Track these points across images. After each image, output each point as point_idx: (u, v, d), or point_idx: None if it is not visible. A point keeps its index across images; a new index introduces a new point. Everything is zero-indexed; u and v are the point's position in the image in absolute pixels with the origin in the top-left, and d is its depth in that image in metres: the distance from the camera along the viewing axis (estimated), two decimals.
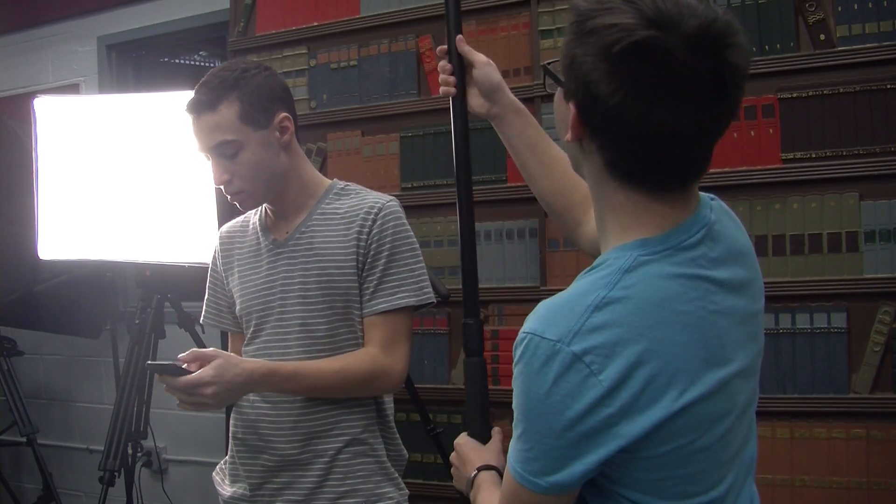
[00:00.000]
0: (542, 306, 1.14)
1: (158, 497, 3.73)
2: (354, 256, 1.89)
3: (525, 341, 1.09)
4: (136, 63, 4.28)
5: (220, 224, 2.76)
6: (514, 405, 1.12)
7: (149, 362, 2.19)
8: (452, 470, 1.50)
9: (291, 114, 1.93)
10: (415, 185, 2.91)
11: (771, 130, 2.46)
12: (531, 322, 1.11)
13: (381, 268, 1.88)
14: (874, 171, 2.35)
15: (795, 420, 2.41)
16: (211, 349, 1.77)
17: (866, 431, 2.35)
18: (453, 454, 1.51)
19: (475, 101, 1.69)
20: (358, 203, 1.94)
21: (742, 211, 2.48)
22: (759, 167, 2.46)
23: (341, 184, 2.01)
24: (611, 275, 1.13)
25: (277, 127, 1.88)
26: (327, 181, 2.02)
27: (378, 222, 1.91)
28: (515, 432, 1.13)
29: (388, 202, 1.93)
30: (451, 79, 1.67)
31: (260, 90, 1.86)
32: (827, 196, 2.40)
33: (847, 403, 2.36)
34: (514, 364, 1.11)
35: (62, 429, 4.24)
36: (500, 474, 1.40)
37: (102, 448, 3.02)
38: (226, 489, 1.99)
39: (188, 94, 1.87)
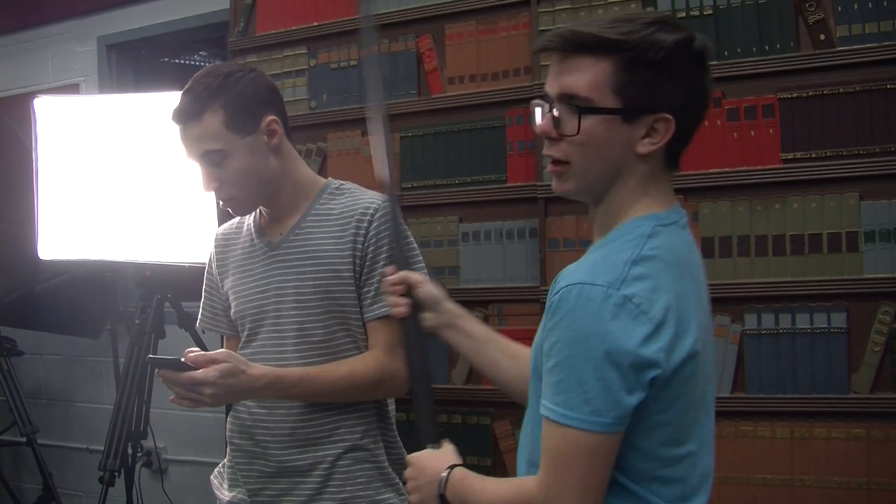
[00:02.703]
0: (581, 263, 1.30)
1: (158, 497, 3.73)
2: (351, 260, 1.87)
3: (575, 291, 1.24)
4: (136, 63, 4.28)
5: (220, 224, 2.76)
6: (557, 356, 1.24)
7: (150, 356, 2.19)
8: (410, 484, 1.50)
9: (280, 115, 1.90)
10: (415, 185, 2.91)
11: (771, 130, 2.46)
12: (574, 276, 1.26)
13: (380, 271, 1.87)
14: (874, 171, 2.34)
15: (795, 420, 2.41)
16: (223, 351, 1.78)
17: (866, 431, 2.35)
18: (408, 470, 1.52)
19: (425, 318, 1.67)
20: (352, 203, 1.92)
21: (742, 211, 2.48)
22: (759, 167, 2.46)
23: (336, 183, 2.00)
24: (637, 238, 1.31)
25: (265, 131, 1.86)
26: (322, 180, 2.00)
27: (374, 224, 1.89)
28: (559, 384, 1.24)
29: (383, 202, 1.91)
30: (403, 300, 1.65)
31: (245, 95, 1.84)
32: (827, 196, 2.40)
33: (847, 403, 2.36)
34: (556, 317, 1.24)
35: (62, 429, 4.24)
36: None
37: (102, 448, 3.02)
38: (224, 494, 1.98)
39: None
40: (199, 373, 1.70)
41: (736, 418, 2.47)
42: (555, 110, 1.33)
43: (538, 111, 1.39)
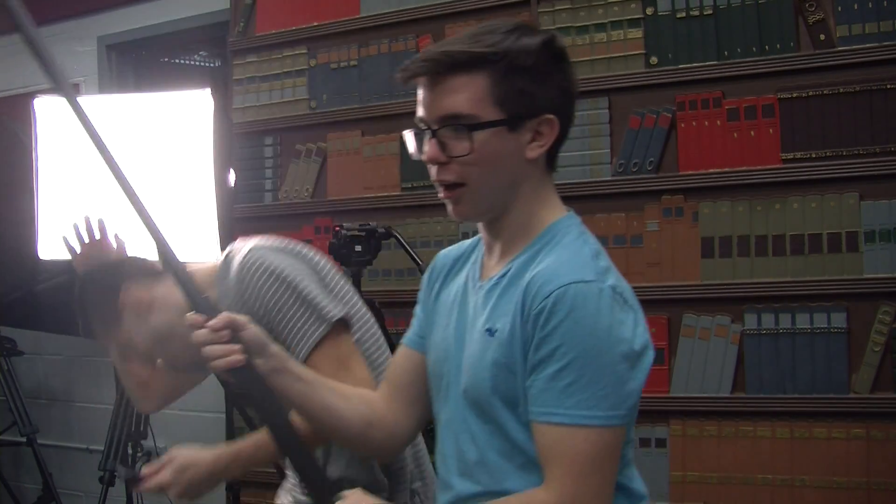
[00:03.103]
0: (553, 265, 1.29)
1: (159, 497, 3.73)
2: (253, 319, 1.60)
3: (571, 290, 1.24)
4: (136, 63, 4.27)
5: (220, 224, 2.76)
6: (562, 359, 1.23)
7: (126, 479, 2.05)
8: None
9: None
10: (415, 185, 2.91)
11: (771, 130, 2.46)
12: (560, 277, 1.26)
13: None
14: (874, 171, 2.35)
15: (795, 420, 2.41)
16: (172, 451, 1.74)
17: (866, 431, 2.35)
18: None
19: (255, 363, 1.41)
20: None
21: (742, 211, 2.48)
22: (759, 167, 2.46)
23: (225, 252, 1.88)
24: (578, 235, 1.35)
25: None
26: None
27: (250, 287, 1.73)
28: (569, 387, 1.22)
29: (247, 253, 1.77)
30: (234, 347, 1.37)
31: None
32: (827, 196, 2.40)
33: (847, 403, 2.36)
34: (554, 320, 1.23)
35: (62, 429, 4.24)
36: None
37: (102, 448, 3.02)
38: None
39: (188, 94, 1.86)
40: (153, 481, 1.72)
41: (736, 418, 2.47)
42: (438, 133, 1.33)
43: (411, 140, 1.39)
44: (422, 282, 1.57)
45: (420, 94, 1.35)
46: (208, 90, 2.68)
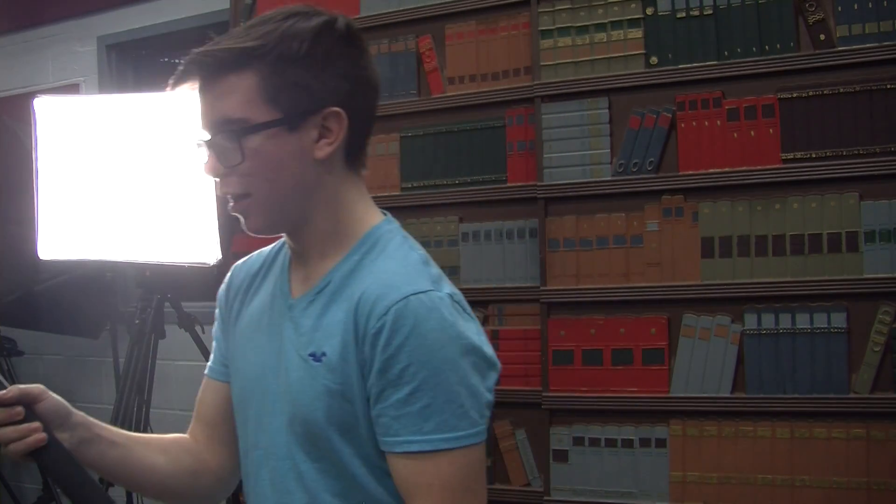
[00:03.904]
0: (383, 276, 1.17)
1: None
2: None
3: (410, 304, 1.13)
4: (136, 63, 4.28)
5: (220, 224, 2.76)
6: (412, 380, 1.11)
7: None
8: None
9: None
10: (415, 185, 2.91)
11: (771, 130, 2.46)
12: (395, 290, 1.14)
13: None
14: (874, 171, 2.34)
15: (795, 420, 2.41)
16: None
17: (866, 431, 2.35)
18: None
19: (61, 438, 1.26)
20: None
21: (742, 211, 2.48)
22: (759, 167, 2.46)
23: None
24: (403, 241, 1.24)
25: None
26: None
27: None
28: (425, 411, 1.12)
29: None
30: (33, 425, 1.20)
31: None
32: (827, 196, 2.40)
33: (847, 403, 2.36)
34: (397, 339, 1.12)
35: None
36: None
37: None
38: None
39: (188, 94, 1.85)
40: None
41: (736, 418, 2.47)
42: (214, 143, 1.19)
43: (198, 154, 1.24)
44: (218, 300, 1.41)
45: (199, 102, 1.21)
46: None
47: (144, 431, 3.16)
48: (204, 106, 1.20)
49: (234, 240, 3.15)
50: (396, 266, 1.19)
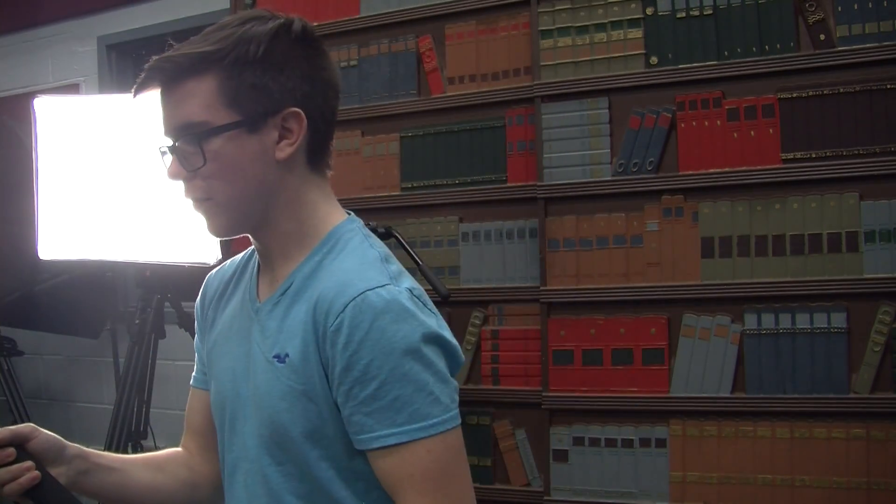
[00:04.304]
0: (340, 274, 1.18)
1: None
2: None
3: (367, 299, 1.13)
4: (136, 63, 4.28)
5: None
6: (378, 374, 1.11)
7: None
8: None
9: None
10: (415, 185, 2.91)
11: (771, 130, 2.46)
12: (352, 287, 1.14)
13: None
14: (874, 171, 2.34)
15: (795, 420, 2.41)
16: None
17: (866, 431, 2.35)
18: None
19: (54, 474, 1.25)
20: None
21: (742, 211, 2.48)
22: (759, 167, 2.46)
23: None
24: (364, 239, 1.25)
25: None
26: None
27: None
28: (394, 404, 1.11)
29: None
30: (24, 465, 1.20)
31: None
32: (827, 196, 2.40)
33: (847, 403, 2.36)
34: (357, 335, 1.12)
35: (62, 429, 4.20)
36: None
37: (102, 448, 3.01)
38: None
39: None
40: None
41: (736, 418, 2.47)
42: (176, 148, 1.20)
43: (161, 160, 1.25)
44: (195, 310, 1.44)
45: (161, 108, 1.23)
46: None
47: (144, 431, 3.16)
48: (165, 111, 1.23)
49: (235, 240, 3.15)
50: (353, 264, 1.20)
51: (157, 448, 3.70)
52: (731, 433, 2.47)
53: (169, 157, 1.23)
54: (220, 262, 2.75)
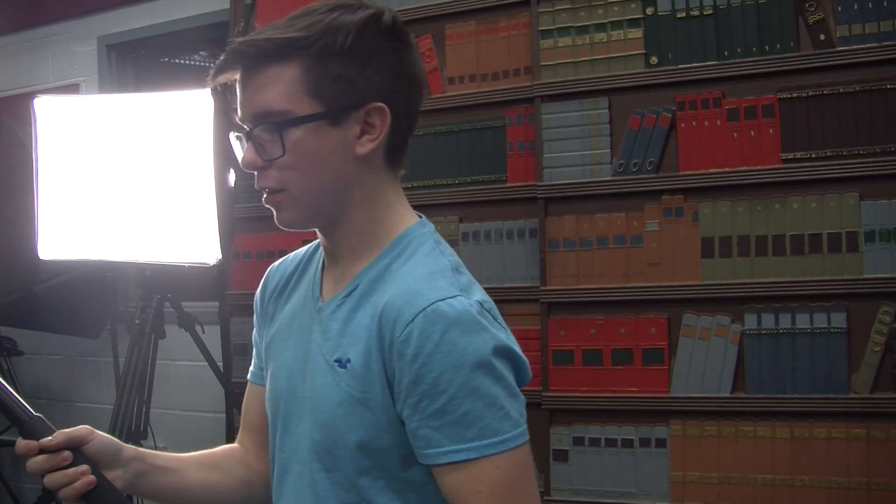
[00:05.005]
0: (410, 283, 1.13)
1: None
2: None
3: (437, 311, 1.08)
4: (136, 63, 4.28)
5: (220, 224, 2.76)
6: (447, 388, 1.07)
7: None
8: None
9: None
10: (415, 184, 2.91)
11: (771, 130, 2.46)
12: (421, 298, 1.10)
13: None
14: (874, 171, 2.35)
15: (795, 420, 2.41)
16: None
17: (866, 431, 2.35)
18: None
19: (111, 477, 1.23)
20: None
21: (742, 211, 2.48)
22: (759, 167, 2.46)
23: None
24: (435, 246, 1.20)
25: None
26: None
27: None
28: (464, 419, 1.08)
29: None
30: (80, 469, 1.19)
31: None
32: (827, 196, 2.40)
33: (847, 403, 2.36)
34: (426, 347, 1.08)
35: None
36: None
37: None
38: None
39: (188, 94, 1.86)
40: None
41: (736, 418, 2.47)
42: (254, 135, 1.15)
43: (237, 144, 1.20)
44: (254, 303, 1.39)
45: (238, 93, 1.18)
46: (208, 90, 2.68)
47: (144, 431, 3.16)
48: (244, 97, 1.17)
49: (235, 240, 3.15)
50: (423, 272, 1.15)
51: (157, 448, 3.70)
52: (731, 433, 2.47)
53: (244, 144, 1.18)
54: (220, 262, 2.76)
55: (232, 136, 1.20)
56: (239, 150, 1.20)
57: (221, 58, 1.15)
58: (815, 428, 2.39)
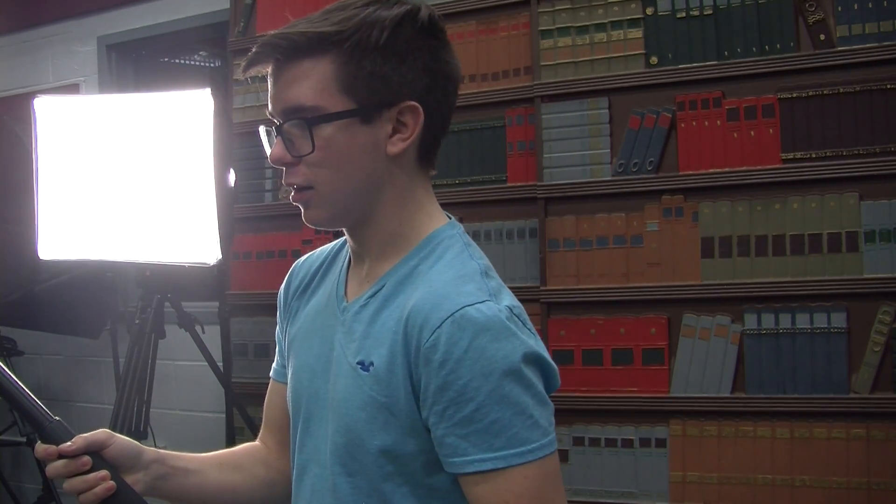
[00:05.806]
0: (437, 286, 1.10)
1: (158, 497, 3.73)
2: None
3: (465, 316, 1.05)
4: (136, 63, 4.28)
5: (220, 224, 2.76)
6: (475, 396, 1.04)
7: None
8: None
9: None
10: None
11: (771, 130, 2.46)
12: (449, 302, 1.07)
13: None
14: (874, 171, 2.35)
15: (795, 420, 2.41)
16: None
17: (866, 431, 2.35)
18: None
19: (131, 480, 1.22)
20: None
21: (742, 211, 2.48)
22: (759, 167, 2.46)
23: None
24: (464, 248, 1.16)
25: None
26: None
27: None
28: (492, 427, 1.05)
29: None
30: (100, 474, 1.16)
31: None
32: (827, 196, 2.40)
33: (847, 403, 2.36)
34: (454, 354, 1.05)
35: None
36: None
37: None
38: None
39: (188, 94, 1.86)
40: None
41: (736, 418, 2.47)
42: (284, 130, 1.12)
43: (265, 138, 1.18)
44: (278, 299, 1.37)
45: (269, 86, 1.15)
46: (208, 90, 2.68)
47: (144, 431, 3.16)
48: (275, 91, 1.14)
49: (235, 240, 3.15)
50: (451, 276, 1.12)
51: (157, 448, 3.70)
52: (731, 433, 2.47)
53: (273, 139, 1.15)
54: (220, 262, 2.76)
55: (262, 129, 1.18)
56: (268, 144, 1.17)
57: (253, 50, 1.13)
58: (815, 428, 2.39)
